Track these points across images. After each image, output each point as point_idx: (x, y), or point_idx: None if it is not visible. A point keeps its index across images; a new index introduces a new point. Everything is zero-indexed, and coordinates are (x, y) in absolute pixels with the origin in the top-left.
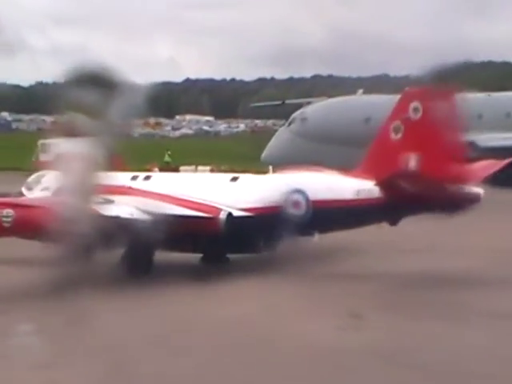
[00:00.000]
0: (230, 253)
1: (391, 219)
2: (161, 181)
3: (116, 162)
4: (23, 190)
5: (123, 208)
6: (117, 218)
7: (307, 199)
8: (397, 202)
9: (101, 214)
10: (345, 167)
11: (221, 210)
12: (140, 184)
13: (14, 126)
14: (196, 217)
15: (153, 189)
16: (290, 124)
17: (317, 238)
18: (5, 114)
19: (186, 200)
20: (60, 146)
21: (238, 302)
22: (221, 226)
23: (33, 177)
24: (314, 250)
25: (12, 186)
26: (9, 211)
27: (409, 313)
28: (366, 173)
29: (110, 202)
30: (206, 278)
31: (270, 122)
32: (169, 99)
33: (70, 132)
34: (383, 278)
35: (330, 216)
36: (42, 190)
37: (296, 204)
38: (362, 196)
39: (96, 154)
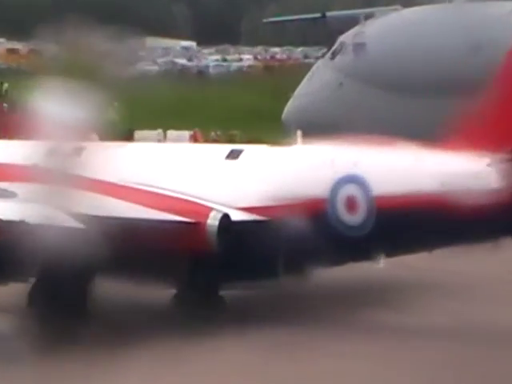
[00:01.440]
0: (225, 285)
1: None
2: (100, 157)
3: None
4: None
5: (31, 206)
6: (19, 223)
7: (368, 195)
8: None
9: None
10: (434, 136)
11: (210, 210)
12: (64, 162)
13: None
14: (166, 222)
15: (86, 171)
16: (334, 55)
17: (382, 264)
18: None
19: (146, 193)
20: None
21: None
22: (209, 239)
23: None
24: (365, 281)
25: None
26: None
27: None
28: (474, 144)
29: (8, 194)
30: (180, 335)
31: (297, 52)
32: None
33: None
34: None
35: (407, 225)
36: None
37: (348, 203)
38: (470, 188)
39: None
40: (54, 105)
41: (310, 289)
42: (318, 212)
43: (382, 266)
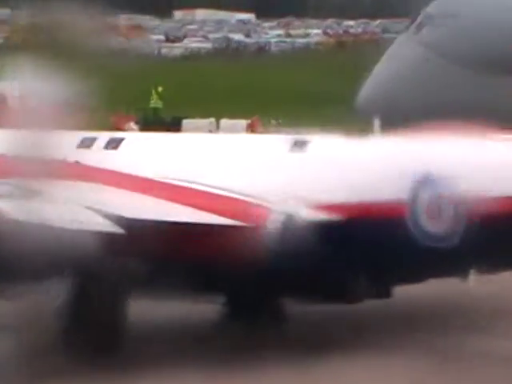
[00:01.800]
0: (290, 298)
1: None
2: (141, 149)
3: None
4: None
5: (60, 207)
6: (45, 227)
7: (458, 198)
8: None
9: (10, 219)
10: None
11: (271, 209)
12: (98, 156)
13: None
14: (215, 226)
15: (125, 166)
16: (419, 29)
17: (474, 281)
18: None
19: (193, 191)
20: None
21: None
22: (270, 243)
23: None
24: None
25: None
26: None
27: None
28: None
29: (33, 193)
30: (234, 352)
31: (375, 25)
32: None
33: None
34: None
35: (506, 234)
36: None
37: (434, 207)
38: None
39: None
40: (46, 87)
41: (389, 307)
42: (398, 215)
43: (472, 284)
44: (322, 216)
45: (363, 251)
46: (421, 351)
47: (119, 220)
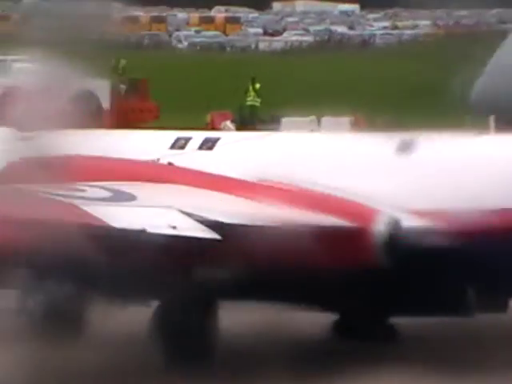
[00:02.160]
0: (398, 311)
1: None
2: (240, 150)
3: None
4: None
5: (155, 211)
6: (140, 233)
7: None
8: None
9: (105, 226)
10: None
11: (376, 212)
12: (193, 157)
13: None
14: (318, 228)
15: (222, 168)
16: None
17: None
18: None
19: (295, 192)
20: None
21: None
22: (375, 249)
23: None
24: None
25: None
26: None
27: None
28: None
29: (127, 197)
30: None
31: (490, 15)
32: None
33: None
34: None
35: None
36: None
37: None
38: None
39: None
40: None
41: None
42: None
43: None
44: (428, 223)
45: (481, 260)
46: None
47: (216, 225)
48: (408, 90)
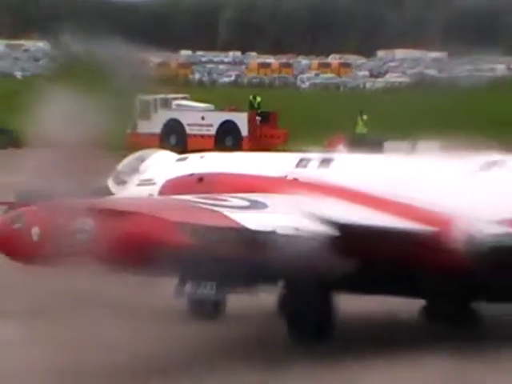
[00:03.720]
0: (482, 299)
1: None
2: (351, 167)
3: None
4: (110, 184)
5: (284, 217)
6: (271, 234)
7: None
8: None
9: (244, 228)
10: None
11: (455, 221)
12: (314, 173)
13: None
14: (409, 232)
15: (338, 181)
16: None
17: None
18: None
19: (395, 203)
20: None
21: None
22: (456, 251)
23: (126, 161)
24: None
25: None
26: (86, 222)
27: None
28: None
29: (261, 206)
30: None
31: None
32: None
33: None
34: None
35: None
36: (142, 184)
37: None
38: None
39: None
40: None
41: None
42: None
43: None
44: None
45: None
46: None
47: (333, 224)
48: (492, 121)
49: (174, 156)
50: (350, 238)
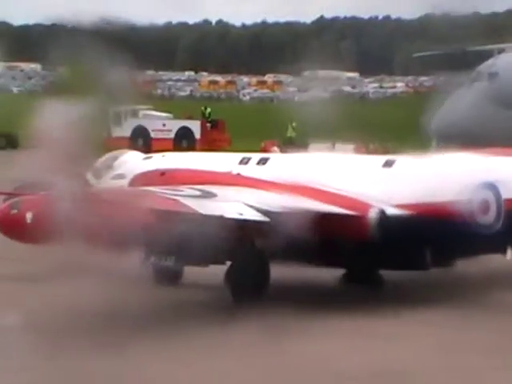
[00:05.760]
0: (384, 268)
1: None
2: (282, 165)
3: (218, 138)
4: (89, 177)
5: (229, 205)
6: (220, 218)
7: (499, 198)
8: None
9: (197, 213)
10: None
11: (370, 206)
12: (252, 170)
13: None
14: (333, 215)
15: (271, 176)
16: (473, 82)
17: (510, 255)
18: None
19: (318, 191)
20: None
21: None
22: (369, 229)
23: (103, 159)
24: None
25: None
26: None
27: None
28: None
29: (211, 195)
30: (351, 305)
31: (442, 80)
32: (293, 47)
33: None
34: None
35: None
36: (115, 177)
37: (483, 205)
38: None
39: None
40: None
41: (457, 277)
42: (459, 211)
43: (509, 257)
44: (404, 212)
45: (434, 235)
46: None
47: (266, 212)
48: (392, 127)
49: (141, 155)
50: (282, 220)
